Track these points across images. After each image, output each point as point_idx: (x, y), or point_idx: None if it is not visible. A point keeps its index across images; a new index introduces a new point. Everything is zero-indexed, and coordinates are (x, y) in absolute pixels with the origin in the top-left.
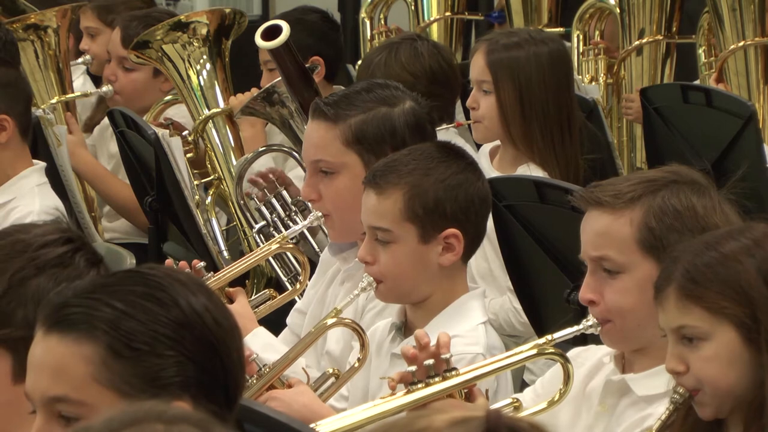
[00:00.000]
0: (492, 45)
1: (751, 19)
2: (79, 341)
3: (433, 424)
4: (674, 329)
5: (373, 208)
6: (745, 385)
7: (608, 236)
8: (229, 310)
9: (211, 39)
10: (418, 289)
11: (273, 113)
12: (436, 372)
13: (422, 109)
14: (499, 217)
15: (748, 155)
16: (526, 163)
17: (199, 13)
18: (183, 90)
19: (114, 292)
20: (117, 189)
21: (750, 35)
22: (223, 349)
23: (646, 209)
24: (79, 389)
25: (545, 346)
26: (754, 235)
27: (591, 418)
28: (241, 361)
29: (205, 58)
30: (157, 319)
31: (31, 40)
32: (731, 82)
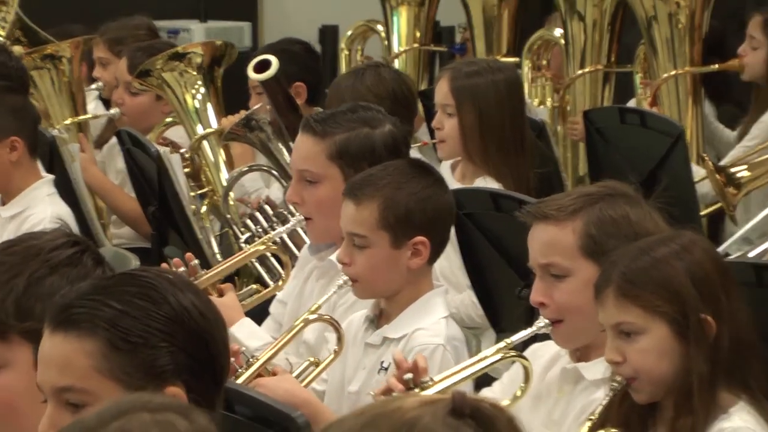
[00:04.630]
0: (455, 73)
1: (682, 51)
2: (81, 338)
3: (404, 406)
4: (613, 325)
5: (352, 216)
6: (675, 373)
7: (554, 245)
8: (213, 304)
9: (205, 67)
10: (389, 288)
11: (253, 137)
12: (414, 384)
13: (399, 132)
14: (460, 224)
15: (677, 169)
16: (483, 177)
17: (194, 45)
18: (181, 112)
19: (111, 293)
20: (123, 200)
21: (681, 65)
22: (209, 339)
23: (586, 219)
24: (83, 380)
25: (506, 350)
26: (683, 242)
27: (550, 403)
28: (226, 349)
29: (199, 84)
30: (150, 316)
31: (48, 69)
32: (664, 105)
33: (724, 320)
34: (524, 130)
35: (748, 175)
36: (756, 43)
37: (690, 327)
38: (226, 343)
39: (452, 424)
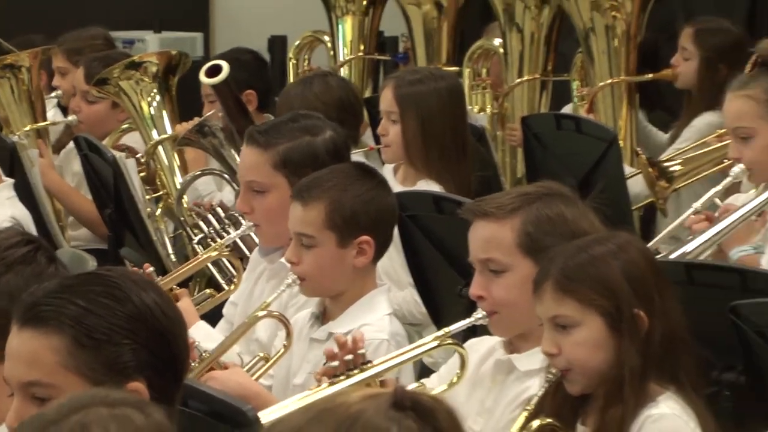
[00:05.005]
0: (399, 81)
1: (618, 60)
2: (48, 335)
3: (349, 400)
4: (550, 318)
5: (300, 217)
6: (608, 365)
7: (493, 241)
8: (174, 304)
9: (160, 76)
10: (334, 286)
11: (205, 143)
12: (354, 365)
13: (340, 137)
14: (403, 225)
15: (611, 172)
16: (425, 180)
17: (150, 55)
18: (137, 119)
19: (77, 292)
20: (81, 203)
21: (617, 74)
22: (170, 337)
23: (524, 218)
24: (49, 375)
25: (444, 338)
26: (619, 242)
27: (484, 392)
28: (186, 347)
29: (154, 92)
30: (114, 314)
31: (8, 78)
32: (599, 111)
33: (656, 316)
34: (465, 136)
35: (680, 169)
36: (687, 54)
37: (623, 321)
38: (186, 341)
39: (394, 416)
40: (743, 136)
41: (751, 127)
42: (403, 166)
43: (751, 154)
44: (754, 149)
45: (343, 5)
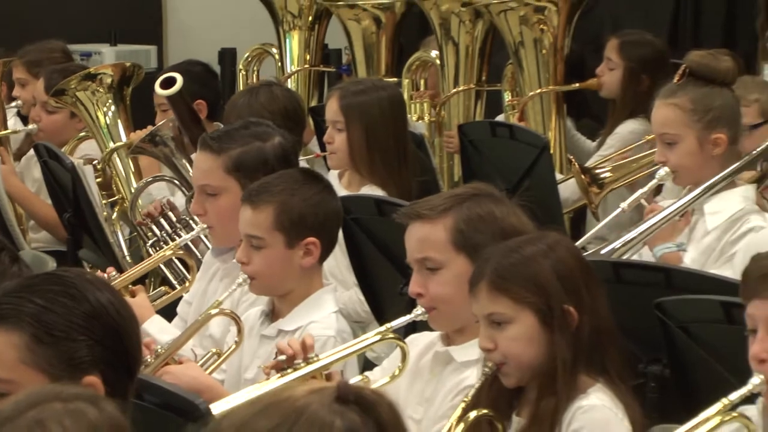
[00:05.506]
0: (343, 92)
1: (546, 71)
2: (8, 332)
3: (295, 394)
4: (485, 315)
5: (249, 220)
6: (541, 359)
7: (428, 241)
8: (127, 302)
9: (115, 87)
10: (283, 284)
11: (157, 151)
12: (302, 359)
13: (288, 143)
14: (348, 227)
15: (543, 177)
16: (369, 185)
17: (105, 66)
18: (93, 128)
19: (36, 291)
20: (41, 208)
21: (545, 84)
22: (124, 334)
23: (456, 217)
24: (9, 370)
25: (386, 333)
26: (549, 242)
27: (423, 383)
28: (138, 343)
29: (110, 102)
30: (71, 312)
31: None
32: (530, 119)
33: (585, 311)
34: (406, 143)
35: (610, 175)
36: (612, 64)
37: (554, 317)
38: (138, 338)
39: (338, 409)
40: (669, 141)
41: (676, 133)
42: (348, 172)
43: (676, 158)
44: (678, 154)
45: (290, 20)
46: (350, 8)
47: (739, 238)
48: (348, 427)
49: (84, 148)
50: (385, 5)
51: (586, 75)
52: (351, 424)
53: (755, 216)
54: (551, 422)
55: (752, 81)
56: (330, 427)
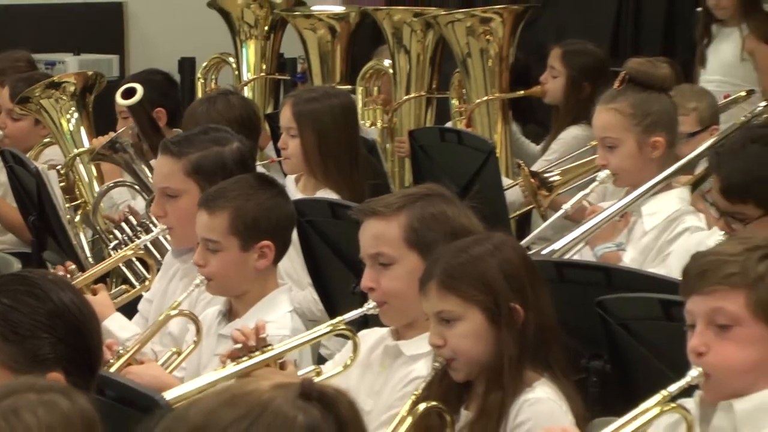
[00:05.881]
0: (296, 99)
1: (493, 79)
2: None
3: (260, 388)
4: (435, 313)
5: (206, 224)
6: (489, 355)
7: (382, 237)
8: (88, 302)
9: (78, 95)
10: (239, 286)
11: (117, 158)
12: (256, 349)
13: (246, 148)
14: (302, 230)
15: (490, 180)
16: (323, 189)
17: (68, 75)
18: (57, 134)
19: (1, 291)
20: (6, 211)
21: (491, 91)
22: (86, 332)
23: (409, 215)
24: None
25: (338, 325)
26: (496, 242)
27: (373, 376)
28: (99, 341)
29: (73, 110)
30: (35, 311)
31: None
32: (477, 125)
33: (530, 309)
34: (358, 148)
35: (558, 179)
36: (555, 72)
37: (501, 315)
38: (99, 335)
39: (301, 405)
40: (610, 145)
41: (616, 137)
42: (303, 176)
43: (617, 161)
44: (619, 157)
45: (246, 30)
46: (306, 18)
47: (675, 237)
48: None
49: (48, 153)
50: (340, 15)
51: (532, 83)
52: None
53: (690, 216)
54: (498, 415)
55: (691, 90)
56: (293, 421)
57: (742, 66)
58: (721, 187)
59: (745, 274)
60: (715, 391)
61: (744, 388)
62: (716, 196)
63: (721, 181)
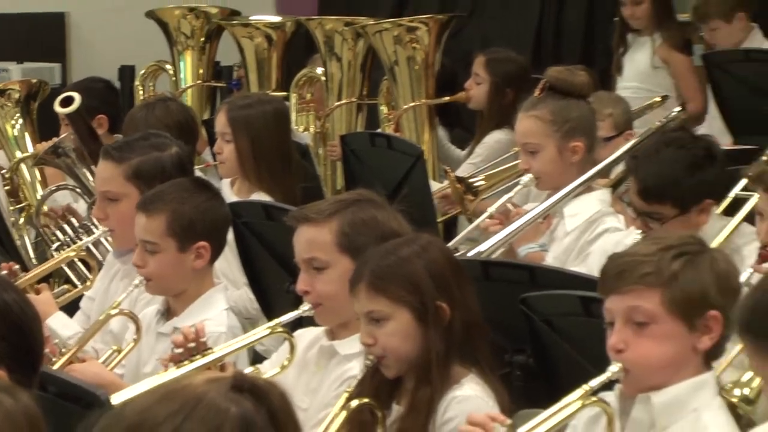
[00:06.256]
0: (231, 105)
1: (419, 86)
2: None
3: (193, 382)
4: (365, 313)
5: (144, 226)
6: (417, 352)
7: (315, 242)
8: (31, 301)
9: (22, 101)
10: (177, 285)
11: (60, 162)
12: (197, 352)
13: (184, 153)
14: (238, 231)
15: (418, 183)
16: (257, 191)
17: (13, 83)
18: (1, 139)
19: None
20: None
21: (418, 97)
22: (28, 331)
23: (341, 220)
24: None
25: (276, 327)
26: (422, 243)
27: (310, 375)
28: (41, 339)
29: (18, 116)
30: None
31: None
32: (405, 130)
33: (457, 307)
34: (291, 153)
35: (484, 184)
36: (479, 79)
37: (428, 313)
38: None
39: (233, 397)
40: (531, 150)
41: (538, 142)
42: (238, 180)
43: (538, 165)
44: (540, 161)
45: (183, 40)
46: (244, 27)
47: (595, 238)
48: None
49: None
50: (276, 24)
51: (458, 89)
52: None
53: (610, 218)
54: (427, 410)
55: (607, 96)
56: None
57: (656, 73)
58: (639, 189)
59: (659, 273)
60: (634, 385)
61: (661, 381)
62: (634, 198)
63: (639, 183)
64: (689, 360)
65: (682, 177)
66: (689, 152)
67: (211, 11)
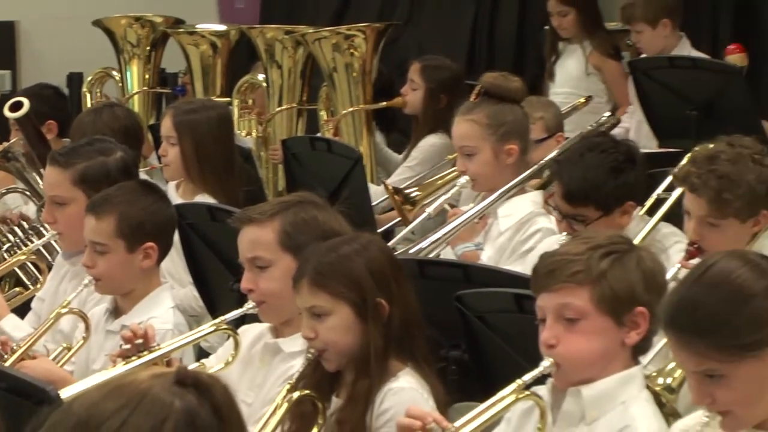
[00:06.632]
0: (177, 110)
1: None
2: None
3: (139, 378)
4: (307, 308)
5: (93, 228)
6: (357, 346)
7: (258, 242)
8: None
9: None
10: (125, 285)
11: (10, 166)
12: (144, 348)
13: (129, 157)
14: (183, 232)
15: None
16: (201, 194)
17: None
18: None
19: None
20: None
21: (356, 103)
22: None
23: (283, 221)
24: None
25: (220, 325)
26: (362, 242)
27: (254, 371)
28: None
29: None
30: None
31: None
32: (344, 134)
33: (395, 304)
34: (234, 156)
35: (419, 194)
36: (415, 85)
37: (368, 309)
38: None
39: (177, 391)
40: (468, 153)
41: (474, 145)
42: (183, 182)
43: (475, 167)
44: (476, 164)
45: (129, 48)
46: (190, 35)
47: (528, 237)
48: (186, 407)
49: None
50: (220, 33)
51: (395, 95)
52: (188, 404)
53: (542, 218)
54: (365, 401)
55: (538, 101)
56: (170, 407)
57: (587, 79)
58: (563, 193)
59: (588, 271)
60: (565, 379)
61: (591, 375)
62: (559, 201)
63: (563, 187)
64: (618, 355)
65: (604, 180)
66: (610, 156)
67: (157, 20)
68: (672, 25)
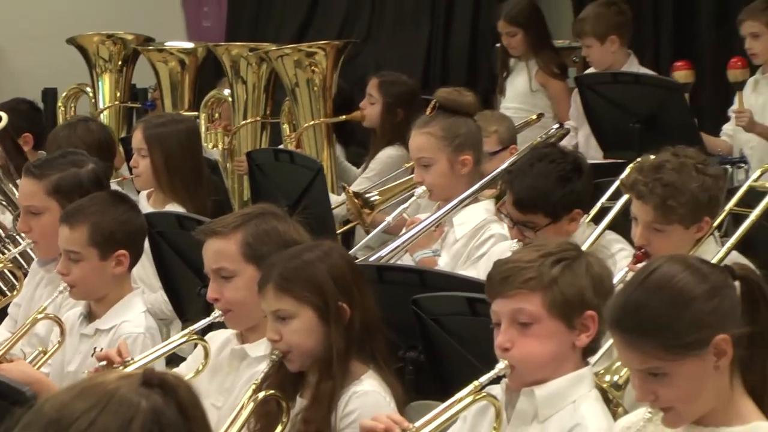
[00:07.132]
0: (147, 124)
1: (318, 106)
2: None
3: (106, 380)
4: (272, 312)
5: (67, 237)
6: (320, 348)
7: (221, 253)
8: None
9: None
10: (98, 291)
11: None
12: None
13: (101, 169)
14: (153, 239)
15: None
16: (171, 203)
17: None
18: None
19: None
20: None
21: (317, 117)
22: None
23: (245, 232)
24: None
25: (190, 335)
26: (324, 249)
27: (223, 376)
28: None
29: None
30: None
31: None
32: (305, 146)
33: (356, 307)
34: (202, 167)
35: (379, 198)
36: (373, 100)
37: (330, 312)
38: None
39: (143, 392)
40: (425, 164)
41: (430, 157)
42: (153, 192)
43: (431, 178)
44: (433, 174)
45: (102, 64)
46: (159, 52)
47: (482, 243)
48: (152, 407)
49: None
50: (188, 50)
51: (354, 109)
52: (155, 404)
53: (495, 225)
54: (329, 402)
55: (492, 115)
56: (137, 407)
57: (534, 95)
58: (514, 201)
59: (540, 278)
60: (519, 380)
61: (544, 376)
62: (510, 208)
63: (513, 195)
64: (569, 356)
65: (553, 189)
66: (558, 166)
67: (128, 38)
68: (620, 41)
